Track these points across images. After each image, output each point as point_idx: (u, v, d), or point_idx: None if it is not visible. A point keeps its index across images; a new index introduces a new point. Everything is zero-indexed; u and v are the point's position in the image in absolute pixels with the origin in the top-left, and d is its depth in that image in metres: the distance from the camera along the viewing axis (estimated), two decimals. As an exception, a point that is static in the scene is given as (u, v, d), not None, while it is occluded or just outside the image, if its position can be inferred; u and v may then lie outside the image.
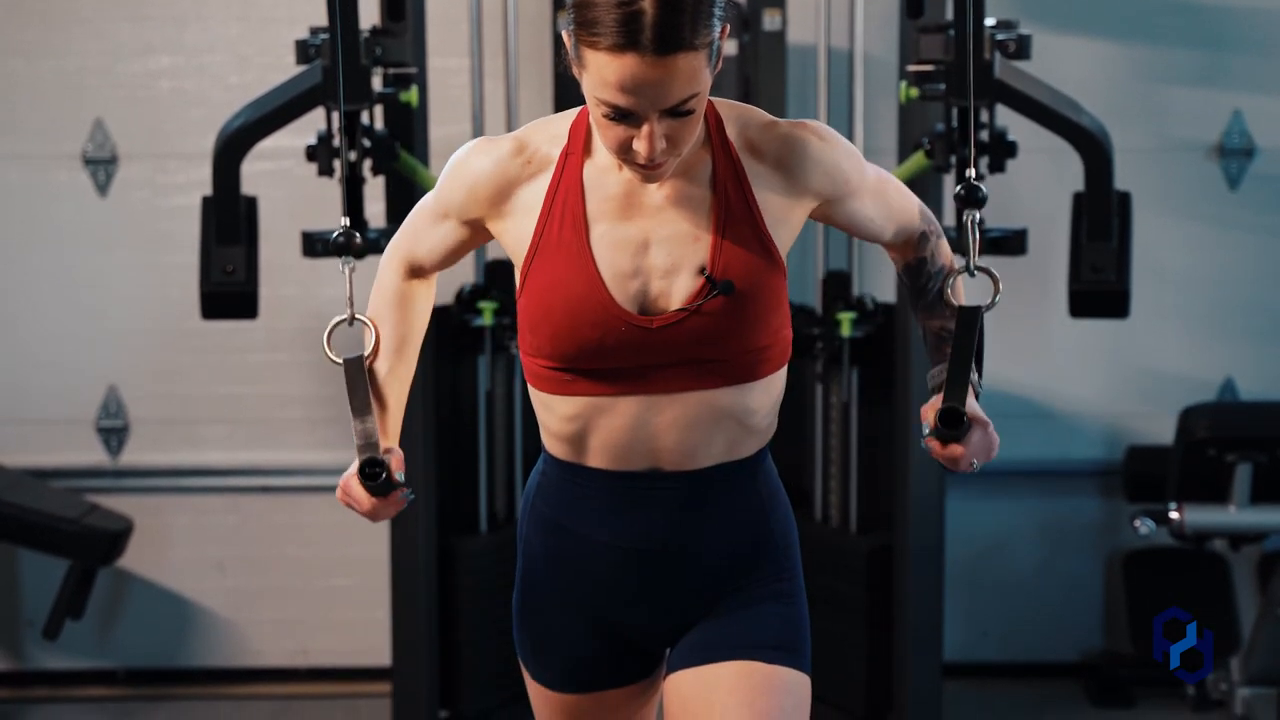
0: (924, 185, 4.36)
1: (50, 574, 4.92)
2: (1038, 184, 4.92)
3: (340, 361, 2.45)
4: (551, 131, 2.33)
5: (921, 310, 2.50)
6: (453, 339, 4.67)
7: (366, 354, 2.46)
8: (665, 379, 2.28)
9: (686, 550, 2.38)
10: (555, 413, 2.35)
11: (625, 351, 2.26)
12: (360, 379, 2.42)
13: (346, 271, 2.50)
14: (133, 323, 5.14)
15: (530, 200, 2.30)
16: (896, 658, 4.54)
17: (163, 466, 5.19)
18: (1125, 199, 4.07)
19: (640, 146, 2.17)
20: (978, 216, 2.46)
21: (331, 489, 2.50)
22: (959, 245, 2.60)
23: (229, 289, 4.06)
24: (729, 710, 2.32)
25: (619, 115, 2.16)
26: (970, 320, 2.39)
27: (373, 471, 2.38)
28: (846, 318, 4.64)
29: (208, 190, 4.10)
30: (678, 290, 2.25)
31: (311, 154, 4.06)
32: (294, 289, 5.06)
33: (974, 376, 2.40)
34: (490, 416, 4.74)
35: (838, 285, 4.76)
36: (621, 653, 2.47)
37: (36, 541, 4.78)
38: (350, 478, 2.42)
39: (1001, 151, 4.08)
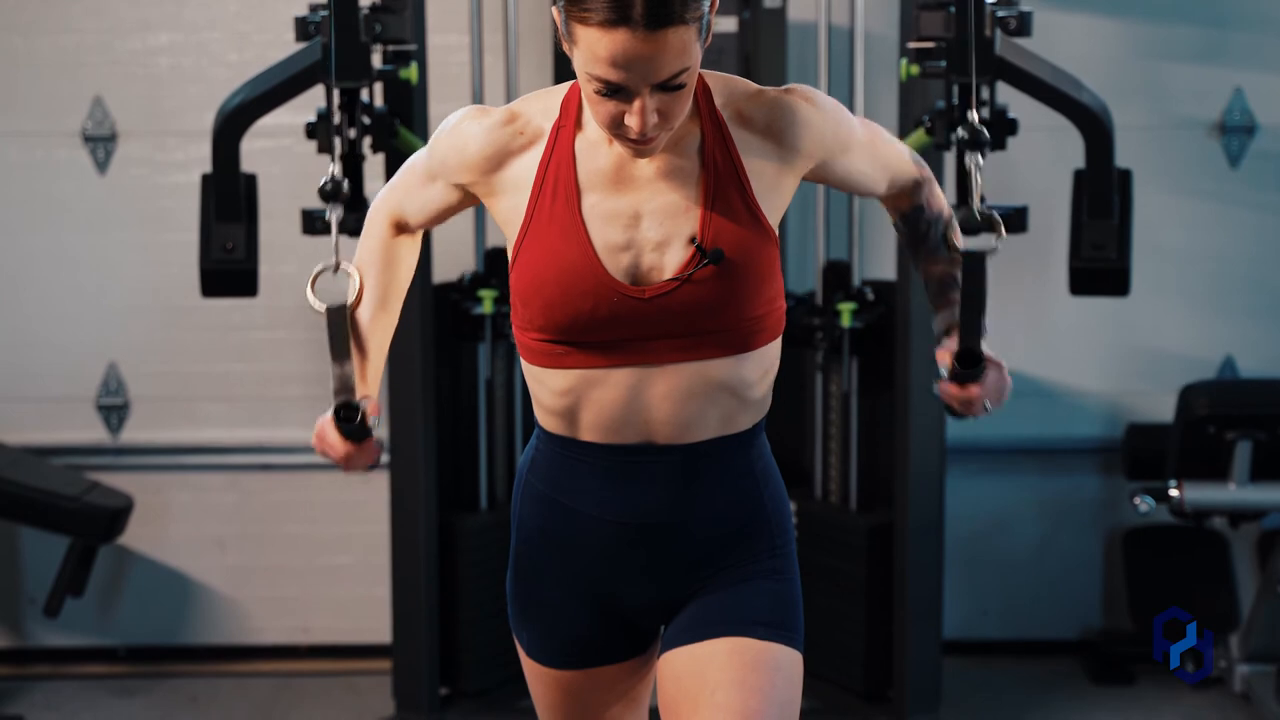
0: (926, 162, 4.35)
1: (51, 551, 4.93)
2: (1038, 161, 4.91)
3: (322, 309, 2.46)
4: (544, 104, 2.33)
5: (922, 258, 2.53)
6: (453, 326, 4.67)
7: (349, 302, 2.48)
8: (659, 351, 2.28)
9: (680, 525, 2.37)
10: (548, 386, 2.35)
11: (618, 323, 2.26)
12: (341, 326, 2.45)
13: (333, 220, 2.53)
14: (133, 300, 5.14)
15: (522, 173, 2.31)
16: (896, 635, 4.55)
17: (163, 444, 5.19)
18: (1126, 176, 4.06)
19: (632, 121, 2.17)
20: (980, 159, 2.47)
21: (334, 467, 2.51)
22: (962, 188, 2.57)
23: (229, 266, 4.06)
24: (720, 686, 2.32)
25: (610, 90, 2.16)
26: (977, 265, 2.43)
27: (348, 414, 2.42)
28: (847, 308, 4.63)
29: (207, 168, 4.09)
30: (669, 262, 2.26)
31: (311, 131, 4.05)
32: (294, 266, 5.05)
33: (982, 320, 2.43)
34: (490, 403, 4.74)
35: (838, 276, 4.76)
36: (616, 629, 2.46)
37: (37, 519, 4.78)
38: (325, 422, 2.45)
39: (1002, 129, 4.07)
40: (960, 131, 2.48)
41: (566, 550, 2.42)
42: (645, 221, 2.26)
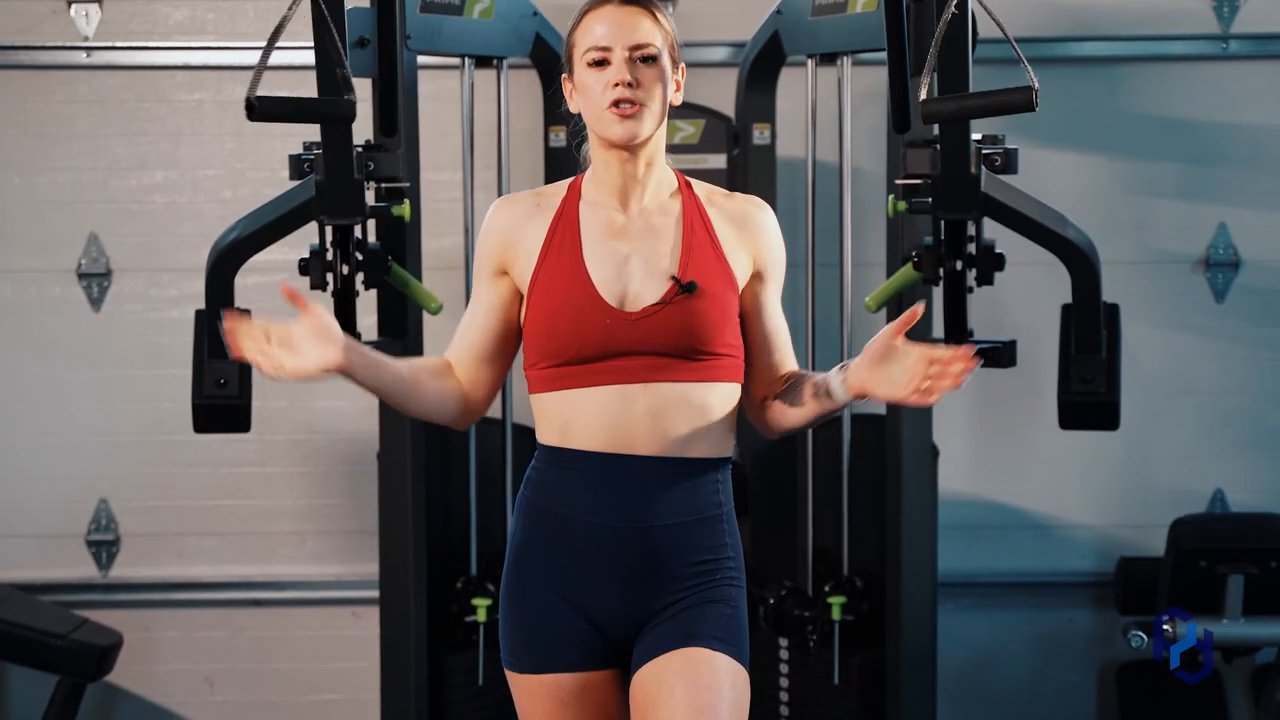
0: (912, 298, 4.38)
1: (38, 689, 4.89)
2: (1026, 296, 4.95)
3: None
4: (557, 187, 2.90)
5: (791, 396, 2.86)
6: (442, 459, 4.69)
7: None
8: (640, 370, 2.74)
9: (649, 531, 2.75)
10: (549, 408, 2.79)
11: (609, 342, 2.74)
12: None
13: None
14: (125, 436, 5.14)
15: (538, 230, 2.82)
16: (890, 771, 4.51)
17: (153, 580, 5.17)
18: (1113, 311, 4.09)
19: (613, 84, 2.73)
20: None
21: (324, 603, 2.53)
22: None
23: (221, 402, 4.07)
24: (678, 685, 2.69)
25: (598, 59, 2.74)
26: None
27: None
28: (837, 601, 4.58)
29: (201, 304, 4.11)
30: (651, 292, 2.77)
31: (304, 267, 4.09)
32: (285, 401, 5.07)
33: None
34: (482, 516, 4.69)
35: (827, 564, 4.71)
36: (593, 634, 2.77)
37: (25, 657, 4.75)
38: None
39: (990, 264, 4.10)
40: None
41: (550, 554, 2.78)
42: (634, 262, 2.78)
